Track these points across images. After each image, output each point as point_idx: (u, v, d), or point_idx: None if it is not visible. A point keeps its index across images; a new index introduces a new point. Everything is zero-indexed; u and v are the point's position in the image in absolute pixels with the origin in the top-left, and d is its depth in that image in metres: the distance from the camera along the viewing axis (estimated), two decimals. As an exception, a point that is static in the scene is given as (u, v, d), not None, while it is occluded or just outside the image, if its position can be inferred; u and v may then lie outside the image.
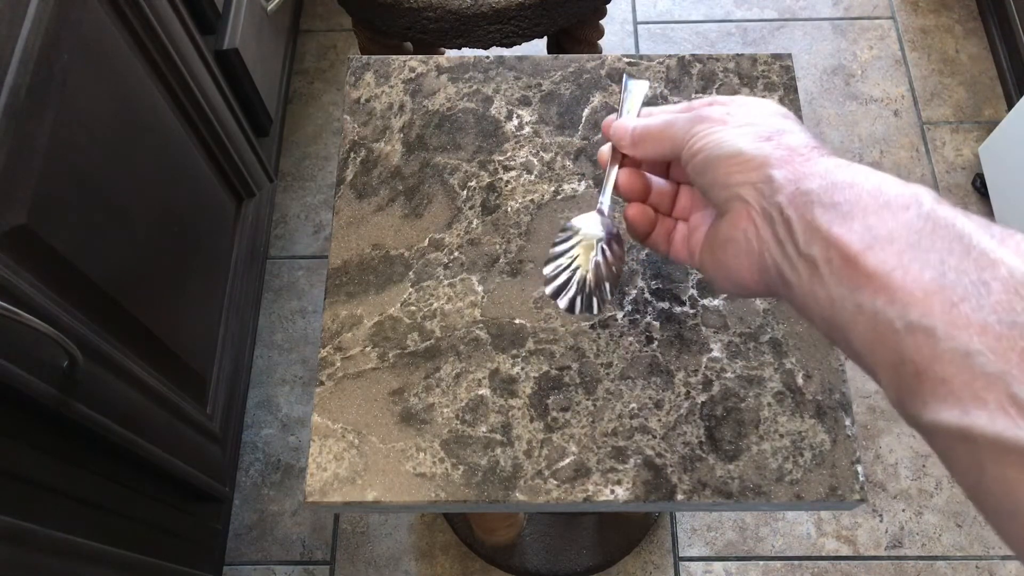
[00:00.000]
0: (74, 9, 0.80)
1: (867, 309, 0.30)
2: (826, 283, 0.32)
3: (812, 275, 0.32)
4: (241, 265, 1.30)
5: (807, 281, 0.33)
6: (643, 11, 1.76)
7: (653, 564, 1.26)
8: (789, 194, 0.34)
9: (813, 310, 0.33)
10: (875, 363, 0.30)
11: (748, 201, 0.36)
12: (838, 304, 0.31)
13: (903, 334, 0.28)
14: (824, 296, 0.32)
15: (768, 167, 0.35)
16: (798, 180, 0.34)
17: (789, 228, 0.33)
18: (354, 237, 0.62)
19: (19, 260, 0.70)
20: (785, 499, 0.53)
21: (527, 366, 0.57)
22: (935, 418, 0.27)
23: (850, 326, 0.31)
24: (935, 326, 0.27)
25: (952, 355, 0.26)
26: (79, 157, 0.80)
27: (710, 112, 0.40)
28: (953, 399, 0.26)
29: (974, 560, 1.25)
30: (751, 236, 0.36)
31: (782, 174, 0.35)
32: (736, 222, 0.37)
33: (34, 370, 0.71)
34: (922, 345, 0.27)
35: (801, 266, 0.33)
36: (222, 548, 1.26)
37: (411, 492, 0.53)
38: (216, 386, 1.19)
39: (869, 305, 0.29)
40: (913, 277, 0.28)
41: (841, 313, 0.31)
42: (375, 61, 0.70)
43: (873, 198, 0.31)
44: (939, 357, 0.27)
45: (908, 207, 0.30)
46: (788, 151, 0.36)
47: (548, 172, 0.65)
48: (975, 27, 1.71)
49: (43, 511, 0.76)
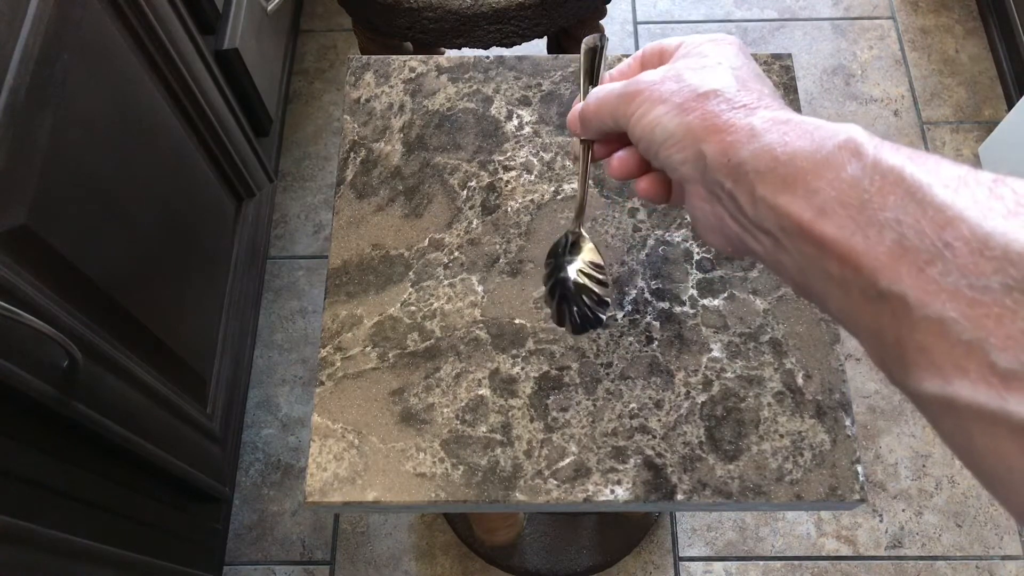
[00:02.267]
0: (74, 9, 0.80)
1: (836, 277, 0.29)
2: (790, 253, 0.31)
3: (774, 245, 0.31)
4: (241, 265, 1.30)
5: (772, 250, 0.32)
6: (643, 11, 1.76)
7: (653, 564, 1.26)
8: (723, 168, 0.33)
9: (785, 277, 0.32)
10: (855, 330, 0.29)
11: (693, 180, 0.35)
12: (808, 272, 0.30)
13: (876, 302, 0.27)
14: (791, 264, 0.31)
15: (698, 143, 0.34)
16: (727, 151, 0.32)
17: (735, 202, 0.33)
18: (354, 237, 0.62)
19: (19, 260, 0.70)
20: (785, 499, 0.53)
21: (527, 366, 0.57)
22: (918, 387, 0.26)
23: (824, 293, 0.30)
24: (906, 293, 0.26)
25: (928, 323, 0.25)
26: (79, 157, 0.80)
27: (638, 85, 0.38)
28: (934, 369, 0.25)
29: (974, 560, 1.25)
30: (707, 212, 0.35)
31: (711, 148, 0.33)
32: (692, 200, 0.36)
33: (34, 370, 0.71)
34: (897, 313, 0.26)
35: (761, 236, 0.32)
36: (222, 548, 1.26)
37: (411, 492, 0.53)
38: (216, 386, 1.19)
39: (837, 273, 0.28)
40: (875, 242, 0.27)
41: (812, 280, 0.30)
42: (375, 61, 0.70)
43: (809, 156, 0.30)
44: (915, 326, 0.26)
45: (848, 161, 0.29)
46: (711, 121, 0.34)
47: (548, 172, 0.65)
48: (975, 27, 1.71)
49: (43, 511, 0.76)
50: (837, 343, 0.58)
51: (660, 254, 0.61)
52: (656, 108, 0.36)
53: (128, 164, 0.91)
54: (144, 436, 0.92)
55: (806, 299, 0.33)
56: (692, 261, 0.61)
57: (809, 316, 0.59)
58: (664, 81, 0.37)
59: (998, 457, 0.24)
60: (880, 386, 1.38)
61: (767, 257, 0.33)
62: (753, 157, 0.31)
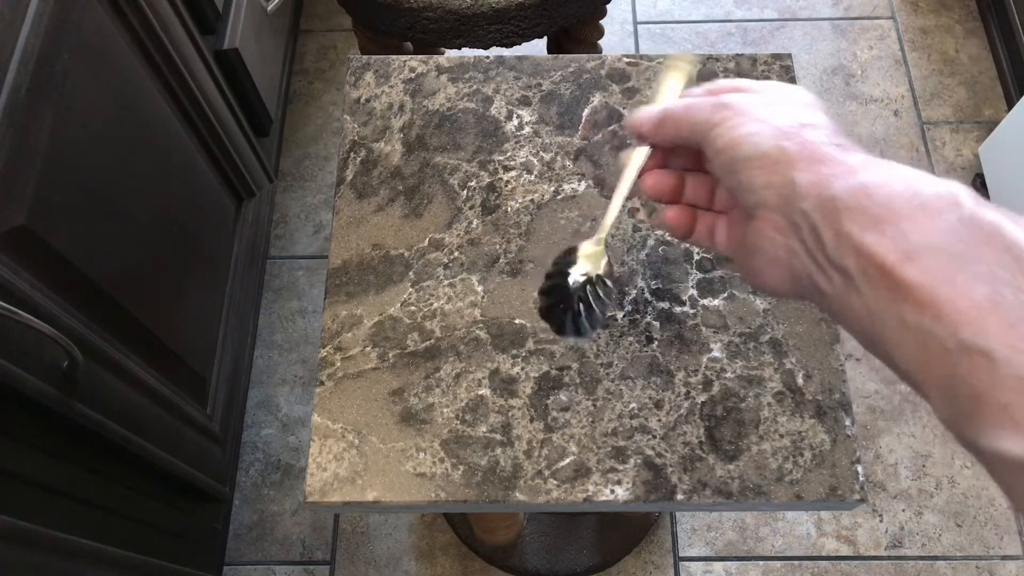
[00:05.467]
0: (74, 9, 0.80)
1: (912, 325, 0.27)
2: (863, 295, 0.30)
3: (847, 286, 0.30)
4: (241, 265, 1.30)
5: (842, 292, 0.31)
6: (643, 11, 1.76)
7: (653, 564, 1.26)
8: (814, 199, 0.31)
9: (851, 321, 0.31)
10: (923, 381, 0.28)
11: (772, 207, 0.34)
12: (878, 317, 0.29)
13: (956, 354, 0.26)
14: (861, 308, 0.30)
15: (790, 169, 0.33)
16: (822, 183, 0.32)
17: (817, 237, 0.31)
18: (354, 237, 0.62)
19: (19, 260, 0.70)
20: (785, 499, 0.53)
21: (527, 366, 0.57)
22: (995, 446, 0.25)
23: (893, 341, 0.29)
24: (992, 348, 0.25)
25: (1015, 382, 0.24)
26: (79, 157, 0.80)
27: (731, 100, 0.37)
28: (1015, 428, 0.25)
29: (974, 560, 1.25)
30: (778, 244, 0.34)
31: (805, 178, 0.32)
32: (762, 230, 0.35)
33: (34, 370, 0.71)
34: (979, 368, 0.25)
35: (835, 276, 0.31)
36: (222, 548, 1.26)
37: (411, 492, 0.53)
38: (216, 386, 1.19)
39: (914, 321, 0.27)
40: (963, 293, 0.26)
41: (882, 327, 0.29)
42: (375, 61, 0.70)
43: (906, 200, 0.29)
44: (999, 383, 0.25)
45: (946, 210, 0.28)
46: (811, 150, 0.33)
47: (548, 172, 0.65)
48: (975, 27, 1.71)
49: (44, 511, 0.76)
50: (837, 343, 0.58)
51: (660, 254, 0.61)
52: (750, 125, 0.35)
53: (128, 164, 0.91)
54: (144, 436, 0.91)
55: (868, 349, 0.31)
56: (692, 261, 0.61)
57: (809, 316, 0.59)
58: (759, 105, 0.36)
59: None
60: (880, 386, 1.38)
61: (835, 298, 0.31)
62: (847, 193, 0.30)
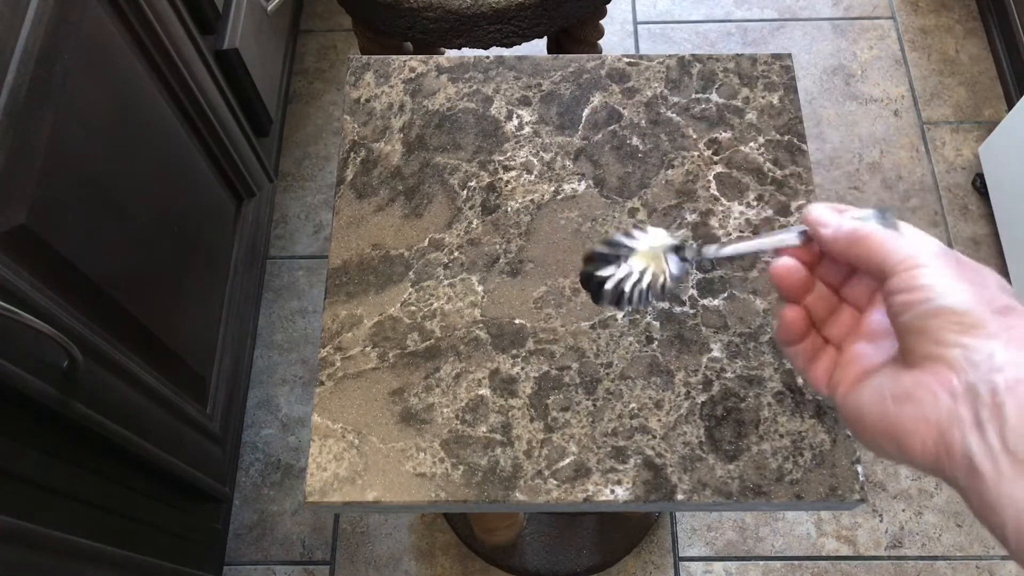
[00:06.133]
0: (74, 9, 0.80)
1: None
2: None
3: (1018, 478, 0.28)
4: (241, 265, 1.30)
5: (1009, 481, 0.29)
6: (643, 11, 1.76)
7: (653, 564, 1.26)
8: (1010, 379, 0.30)
9: (1007, 515, 0.29)
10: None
11: (954, 365, 0.32)
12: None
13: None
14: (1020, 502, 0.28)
15: (994, 341, 0.31)
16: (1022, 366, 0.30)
17: (999, 415, 0.29)
18: (354, 237, 0.62)
19: (19, 260, 0.70)
20: (785, 499, 0.53)
21: (527, 366, 0.57)
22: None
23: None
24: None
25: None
26: (79, 157, 0.80)
27: (936, 250, 0.35)
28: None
29: (974, 560, 1.25)
30: (942, 404, 0.31)
31: (1008, 356, 0.30)
32: (927, 382, 0.32)
33: (34, 370, 0.71)
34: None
35: (1004, 462, 0.29)
36: (222, 548, 1.26)
37: (411, 492, 0.53)
38: (216, 386, 1.19)
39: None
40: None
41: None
42: (375, 61, 0.70)
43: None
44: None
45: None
46: (1018, 333, 0.31)
47: (548, 172, 0.65)
48: (975, 27, 1.71)
49: (43, 511, 0.76)
50: (837, 343, 0.58)
51: (660, 254, 0.61)
52: (961, 283, 0.33)
53: (128, 164, 0.91)
54: (144, 436, 0.91)
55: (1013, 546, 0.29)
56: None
57: (809, 316, 0.59)
58: (964, 266, 0.34)
59: None
60: (880, 386, 1.38)
61: (994, 485, 0.29)
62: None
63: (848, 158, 1.58)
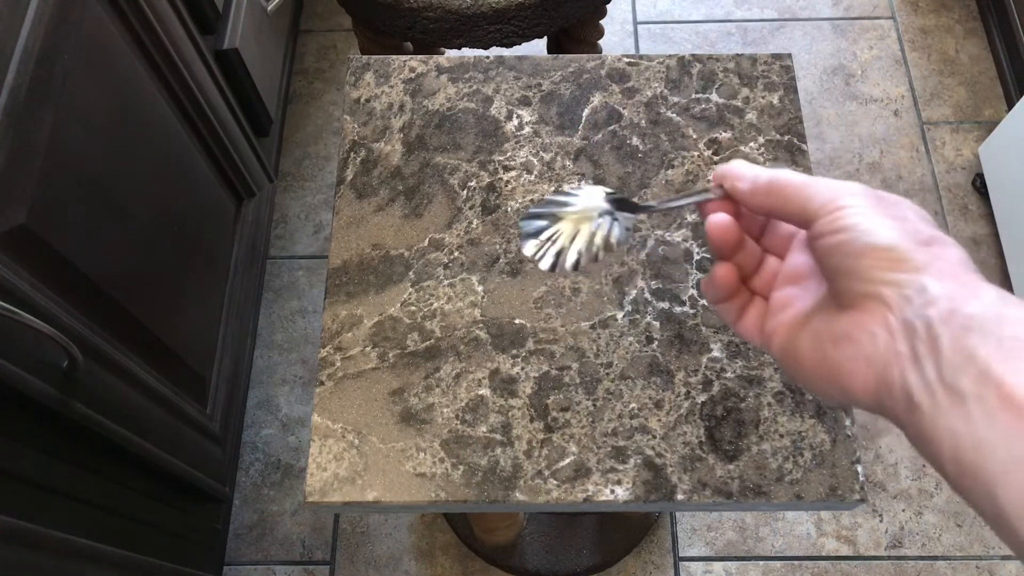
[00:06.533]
0: (74, 9, 0.80)
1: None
2: (973, 422, 0.28)
3: (954, 408, 0.28)
4: (241, 265, 1.30)
5: (945, 413, 0.29)
6: (643, 11, 1.76)
7: (653, 564, 1.26)
8: (943, 311, 0.30)
9: (943, 446, 0.29)
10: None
11: (889, 303, 0.32)
12: (987, 450, 0.27)
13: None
14: (967, 435, 0.28)
15: (924, 274, 0.31)
16: (956, 297, 0.30)
17: (935, 348, 0.29)
18: (354, 237, 0.62)
19: (19, 260, 0.70)
20: (785, 499, 0.53)
21: (527, 366, 0.57)
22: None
23: (1001, 480, 0.27)
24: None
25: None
26: (79, 157, 0.80)
27: (860, 189, 0.35)
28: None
29: (974, 560, 1.25)
30: (880, 342, 0.32)
31: (939, 288, 0.30)
32: (863, 322, 0.32)
33: (34, 370, 0.71)
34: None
35: (941, 394, 0.29)
36: (222, 548, 1.26)
37: (411, 492, 0.53)
38: (216, 386, 1.19)
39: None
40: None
41: (989, 461, 0.27)
42: (375, 61, 0.70)
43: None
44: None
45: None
46: (950, 266, 0.31)
47: (548, 172, 0.65)
48: (975, 27, 1.71)
49: (43, 511, 0.76)
50: (837, 343, 0.58)
51: (660, 254, 0.61)
52: (884, 218, 0.33)
53: (128, 164, 0.91)
54: (144, 436, 0.91)
55: (955, 479, 0.29)
56: (692, 261, 0.61)
57: (809, 316, 0.59)
58: (890, 203, 0.34)
59: None
60: (880, 386, 1.38)
61: (931, 419, 0.30)
62: (982, 316, 0.29)
63: (848, 158, 1.58)
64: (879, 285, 0.32)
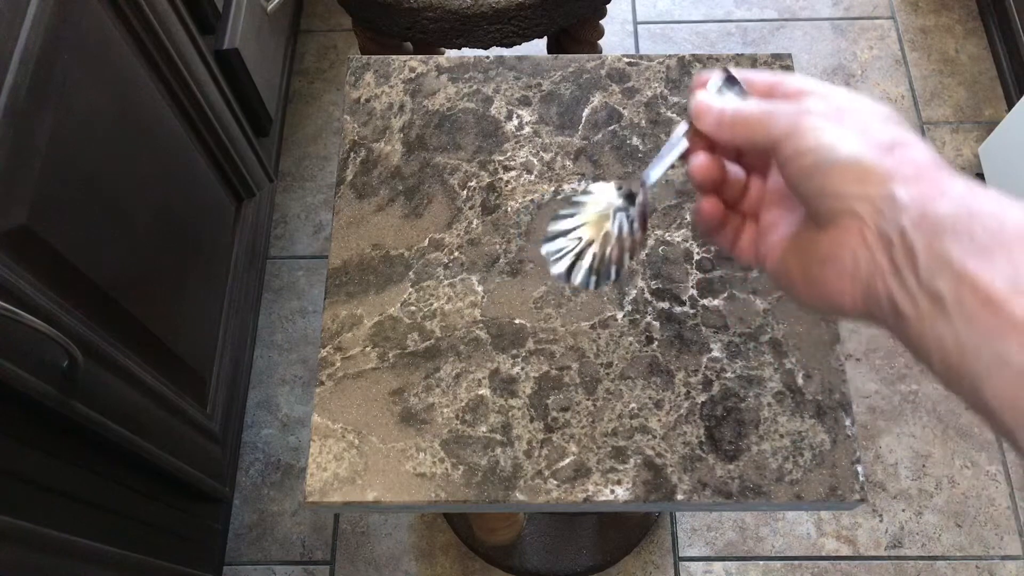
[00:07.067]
0: (74, 9, 0.80)
1: (1015, 363, 0.26)
2: (954, 324, 0.28)
3: (936, 312, 0.29)
4: (241, 265, 1.30)
5: (928, 318, 0.29)
6: (643, 11, 1.76)
7: (653, 564, 1.26)
8: (914, 217, 0.30)
9: (931, 350, 0.29)
10: (1019, 424, 0.27)
11: (862, 218, 0.32)
12: (969, 351, 0.27)
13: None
14: (950, 338, 0.28)
15: (891, 183, 0.31)
16: (926, 202, 0.30)
17: (911, 255, 0.30)
18: (354, 237, 0.62)
19: (19, 260, 0.70)
20: (785, 499, 0.53)
21: (527, 366, 0.57)
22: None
23: (984, 377, 0.27)
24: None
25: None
26: (79, 157, 0.80)
27: (819, 107, 0.35)
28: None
29: (974, 560, 1.25)
30: (860, 258, 0.32)
31: (907, 193, 0.30)
32: (843, 240, 0.33)
33: (34, 370, 0.71)
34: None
35: (922, 300, 0.29)
36: (222, 548, 1.26)
37: (411, 492, 0.53)
38: (216, 386, 1.19)
39: (1017, 359, 0.26)
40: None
41: (973, 361, 0.27)
42: (375, 61, 0.70)
43: (1019, 232, 0.27)
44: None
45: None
46: (915, 168, 0.31)
47: (548, 172, 0.65)
48: (975, 27, 1.71)
49: (43, 511, 0.76)
50: (837, 343, 0.58)
51: (660, 254, 0.61)
52: (842, 132, 0.33)
53: (128, 164, 0.91)
54: (144, 436, 0.91)
55: (944, 379, 0.30)
56: (692, 261, 0.61)
57: (809, 316, 0.59)
58: (851, 112, 0.34)
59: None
60: (880, 386, 1.38)
61: (915, 323, 0.30)
62: (953, 215, 0.29)
63: (848, 158, 1.58)
64: (850, 201, 0.32)
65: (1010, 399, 0.26)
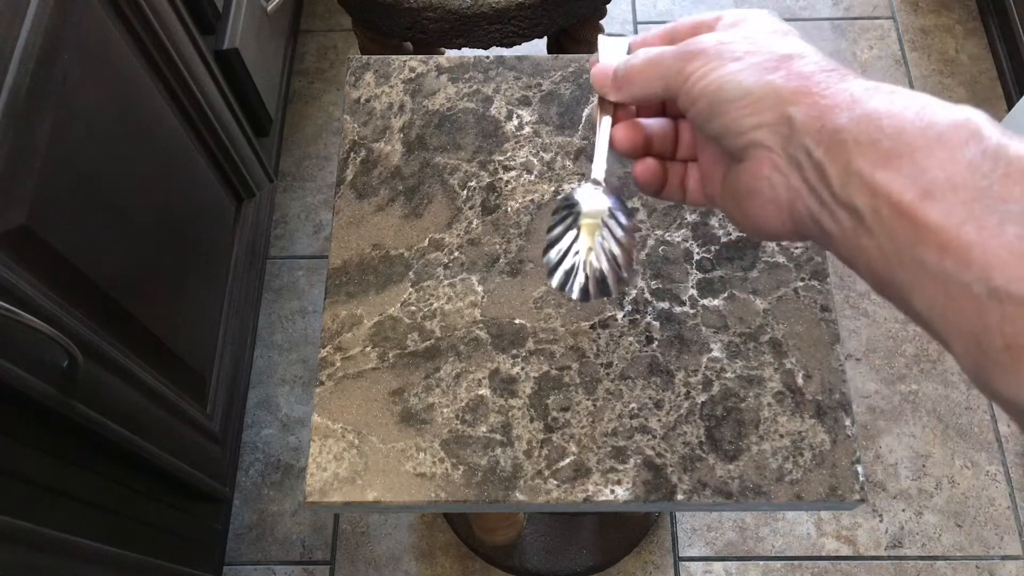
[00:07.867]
0: (74, 9, 0.80)
1: (934, 269, 0.25)
2: (876, 236, 0.27)
3: (857, 226, 0.28)
4: (241, 265, 1.30)
5: (851, 233, 0.29)
6: (643, 11, 1.76)
7: (653, 564, 1.26)
8: (815, 134, 0.29)
9: (860, 263, 0.29)
10: (945, 330, 0.26)
11: (768, 147, 0.31)
12: (894, 260, 0.27)
13: (985, 301, 0.24)
14: (874, 250, 0.28)
15: (784, 104, 0.30)
16: (822, 115, 0.29)
17: (822, 174, 0.29)
18: (354, 237, 0.62)
19: (19, 260, 0.70)
20: (785, 499, 0.53)
21: (527, 366, 0.57)
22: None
23: (911, 286, 0.27)
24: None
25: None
26: (79, 157, 0.80)
27: (701, 44, 0.34)
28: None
29: (974, 560, 1.25)
30: (777, 184, 0.32)
31: (802, 111, 0.30)
32: (757, 171, 0.32)
33: (34, 370, 0.71)
34: (1013, 316, 0.23)
35: (842, 216, 0.29)
36: (222, 548, 1.26)
37: (411, 492, 0.53)
38: (216, 386, 1.19)
39: (936, 265, 0.25)
40: (992, 234, 0.24)
41: (898, 271, 0.27)
42: (375, 61, 0.70)
43: (919, 131, 0.27)
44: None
45: (966, 142, 0.26)
46: (803, 82, 0.30)
47: (548, 172, 0.65)
48: (975, 27, 1.71)
49: (43, 511, 0.76)
50: (837, 343, 0.58)
51: (660, 254, 0.61)
52: (727, 65, 0.32)
53: (128, 164, 0.91)
54: (144, 436, 0.91)
55: (879, 292, 0.29)
56: (692, 261, 0.61)
57: (809, 316, 0.59)
58: (732, 41, 0.33)
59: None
60: (880, 386, 1.38)
61: (842, 240, 0.29)
62: (853, 125, 0.28)
63: (848, 158, 1.58)
64: (751, 134, 0.32)
65: (937, 306, 0.26)
